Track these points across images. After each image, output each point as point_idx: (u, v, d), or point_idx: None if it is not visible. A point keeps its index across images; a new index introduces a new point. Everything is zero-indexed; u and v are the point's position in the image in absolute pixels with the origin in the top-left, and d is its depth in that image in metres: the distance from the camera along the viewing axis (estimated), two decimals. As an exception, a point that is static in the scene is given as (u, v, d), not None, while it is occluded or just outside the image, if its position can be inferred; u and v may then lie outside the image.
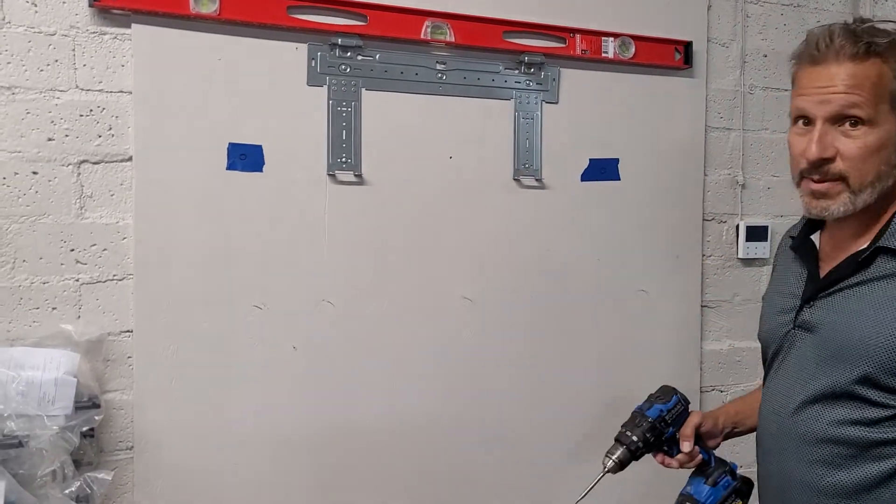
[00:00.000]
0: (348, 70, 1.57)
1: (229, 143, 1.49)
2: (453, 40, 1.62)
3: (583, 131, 1.77)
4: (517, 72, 1.69)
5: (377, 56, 1.58)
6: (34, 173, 1.39)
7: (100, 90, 1.42)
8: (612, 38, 1.75)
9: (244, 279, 1.52)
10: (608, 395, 1.80)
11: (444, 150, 1.65)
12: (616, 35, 1.76)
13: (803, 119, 1.11)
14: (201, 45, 1.46)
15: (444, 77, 1.64)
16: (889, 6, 2.03)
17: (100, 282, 1.44)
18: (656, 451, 1.27)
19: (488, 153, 1.69)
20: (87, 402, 1.36)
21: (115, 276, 1.44)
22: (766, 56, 1.98)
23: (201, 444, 1.50)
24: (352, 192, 1.59)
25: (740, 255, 1.97)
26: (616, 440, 1.25)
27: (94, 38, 1.41)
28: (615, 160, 1.81)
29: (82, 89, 1.41)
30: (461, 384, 1.69)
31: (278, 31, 1.51)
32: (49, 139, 1.39)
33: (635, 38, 1.77)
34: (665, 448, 1.27)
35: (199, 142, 1.47)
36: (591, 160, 1.78)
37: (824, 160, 1.07)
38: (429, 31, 1.60)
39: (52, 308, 1.41)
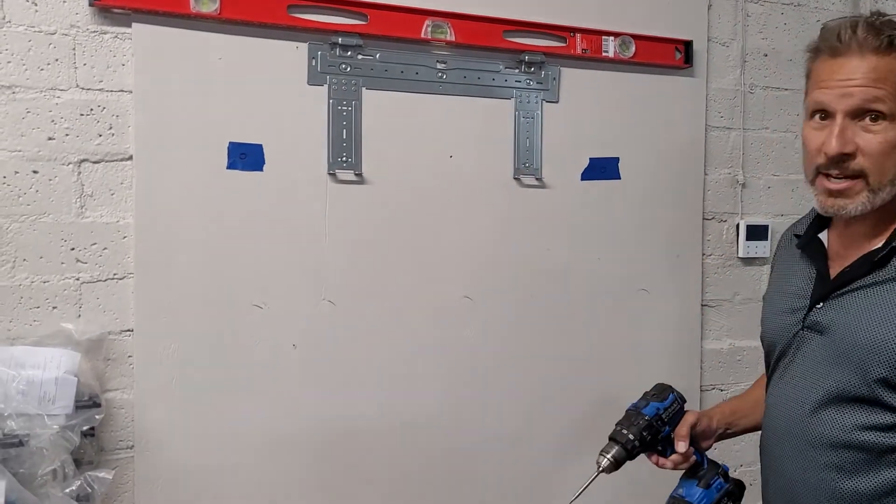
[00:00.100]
0: (349, 69, 1.57)
1: (230, 143, 1.49)
2: (454, 39, 1.62)
3: (583, 130, 1.77)
4: (517, 71, 1.69)
5: (377, 55, 1.58)
6: (34, 172, 1.39)
7: (100, 89, 1.42)
8: (612, 38, 1.75)
9: (244, 278, 1.52)
10: (608, 393, 1.80)
11: (445, 149, 1.66)
12: (616, 34, 1.76)
13: (821, 113, 1.07)
14: (202, 44, 1.46)
15: (445, 76, 1.64)
16: (889, 5, 2.03)
17: (100, 281, 1.44)
18: (651, 451, 1.24)
19: (488, 152, 1.69)
20: (87, 402, 1.36)
21: (115, 275, 1.45)
22: (766, 55, 1.98)
23: (202, 443, 1.50)
24: (352, 191, 1.59)
25: (740, 254, 1.97)
26: (611, 438, 1.21)
27: (95, 38, 1.41)
28: (615, 159, 1.81)
29: (83, 88, 1.41)
30: (461, 383, 1.69)
31: (279, 31, 1.51)
32: (49, 138, 1.39)
33: (636, 37, 1.77)
34: (659, 448, 1.24)
35: (199, 141, 1.47)
36: (591, 159, 1.78)
37: (844, 156, 1.03)
38: (429, 30, 1.60)
39: (53, 307, 1.41)
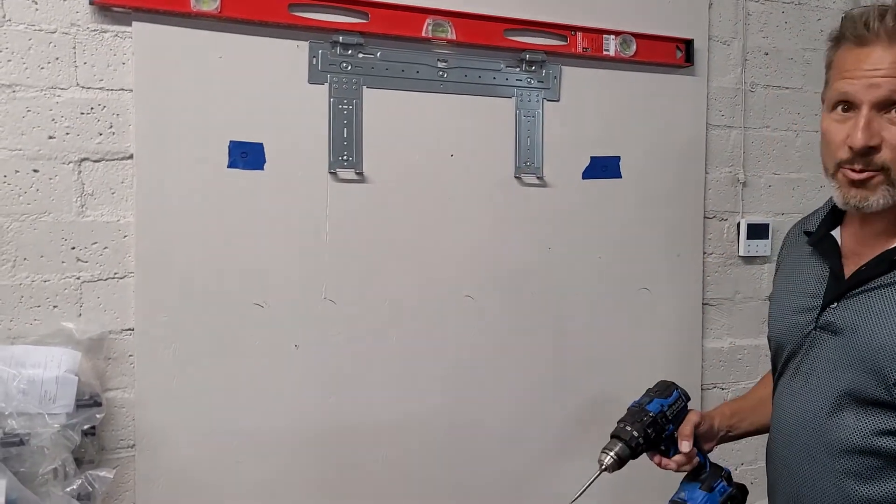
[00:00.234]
0: (349, 68, 1.56)
1: (230, 141, 1.49)
2: (454, 38, 1.62)
3: (584, 129, 1.77)
4: (518, 70, 1.69)
5: (378, 54, 1.58)
6: (35, 171, 1.38)
7: (101, 88, 1.42)
8: (613, 36, 1.75)
9: (245, 277, 1.51)
10: (609, 392, 1.80)
11: (446, 148, 1.65)
12: (617, 33, 1.75)
13: (844, 104, 1.03)
14: (202, 42, 1.46)
15: (446, 75, 1.64)
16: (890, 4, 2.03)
17: (101, 280, 1.44)
18: (654, 450, 1.19)
19: (489, 151, 1.69)
20: (88, 401, 1.36)
21: (116, 274, 1.44)
22: (767, 54, 1.98)
23: (203, 443, 1.50)
24: (353, 189, 1.59)
25: (741, 252, 1.97)
26: (613, 436, 1.16)
27: (95, 36, 1.41)
28: (616, 158, 1.81)
29: (83, 87, 1.40)
30: (462, 382, 1.69)
31: (279, 29, 1.51)
32: (50, 137, 1.39)
33: (637, 35, 1.77)
34: (662, 447, 1.19)
35: (200, 140, 1.47)
36: (592, 158, 1.78)
37: (870, 149, 1.00)
38: (430, 28, 1.60)
39: (54, 306, 1.41)
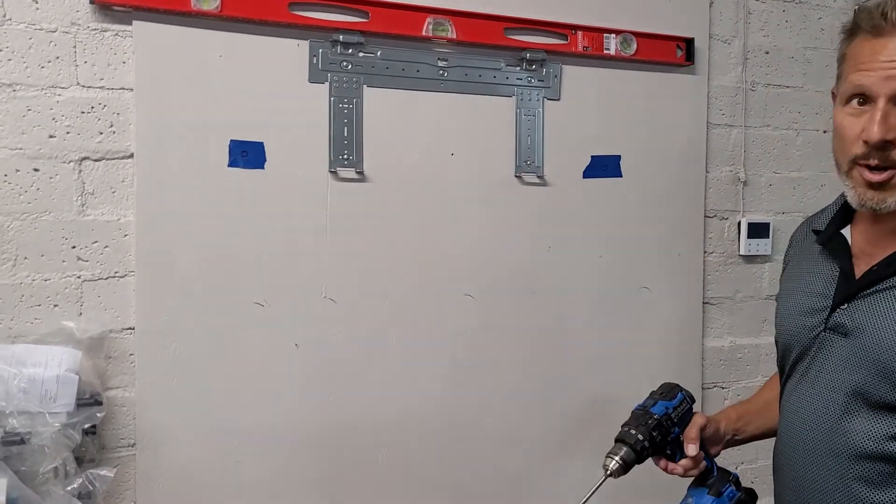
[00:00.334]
0: (350, 67, 1.56)
1: (231, 140, 1.49)
2: (455, 37, 1.62)
3: (585, 128, 1.77)
4: (519, 68, 1.69)
5: (379, 53, 1.58)
6: (35, 170, 1.38)
7: (101, 87, 1.42)
8: (613, 35, 1.75)
9: (246, 276, 1.51)
10: (610, 391, 1.80)
11: (446, 147, 1.65)
12: (618, 32, 1.75)
13: (859, 98, 0.99)
14: (203, 41, 1.46)
15: (446, 74, 1.64)
16: (891, 3, 2.03)
17: (101, 279, 1.44)
18: (659, 454, 1.16)
19: (490, 150, 1.69)
20: (88, 400, 1.36)
21: (116, 273, 1.44)
22: (767, 53, 1.98)
23: (203, 442, 1.50)
24: (353, 188, 1.58)
25: (742, 251, 1.97)
26: (618, 440, 1.12)
27: (96, 35, 1.41)
28: (617, 157, 1.81)
29: (83, 86, 1.40)
30: (463, 381, 1.69)
31: (280, 28, 1.51)
32: (50, 136, 1.39)
33: (637, 34, 1.77)
34: (668, 451, 1.16)
35: (200, 139, 1.47)
36: (592, 157, 1.78)
37: (886, 143, 0.97)
38: (430, 27, 1.60)
39: (54, 305, 1.41)
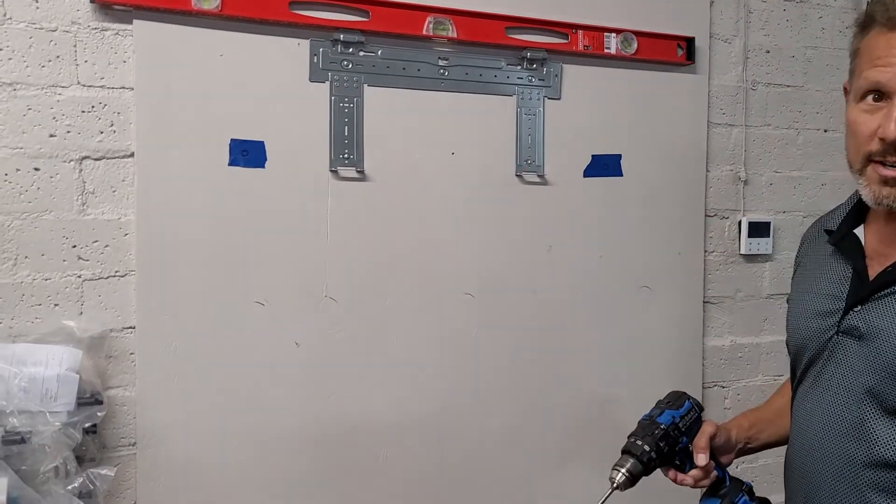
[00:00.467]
0: (350, 66, 1.56)
1: (231, 139, 1.49)
2: (455, 36, 1.62)
3: (585, 127, 1.77)
4: (519, 68, 1.69)
5: (379, 52, 1.58)
6: (36, 170, 1.38)
7: (101, 86, 1.41)
8: (614, 34, 1.75)
9: (246, 275, 1.51)
10: (610, 390, 1.80)
11: (447, 146, 1.65)
12: (618, 31, 1.75)
13: (875, 94, 0.96)
14: (203, 41, 1.46)
15: (447, 73, 1.64)
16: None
17: (102, 278, 1.44)
18: (668, 465, 1.13)
19: (490, 149, 1.69)
20: (89, 399, 1.36)
21: (117, 272, 1.44)
22: (768, 52, 1.98)
23: (204, 441, 1.50)
24: (354, 188, 1.58)
25: (742, 251, 1.97)
26: (624, 451, 1.09)
27: (96, 35, 1.41)
28: (618, 156, 1.80)
29: (84, 85, 1.40)
30: (464, 380, 1.69)
31: (280, 27, 1.51)
32: (51, 135, 1.39)
33: (638, 33, 1.77)
34: (676, 462, 1.13)
35: (201, 138, 1.47)
36: (593, 156, 1.78)
37: None
38: (431, 26, 1.60)
39: (55, 304, 1.41)
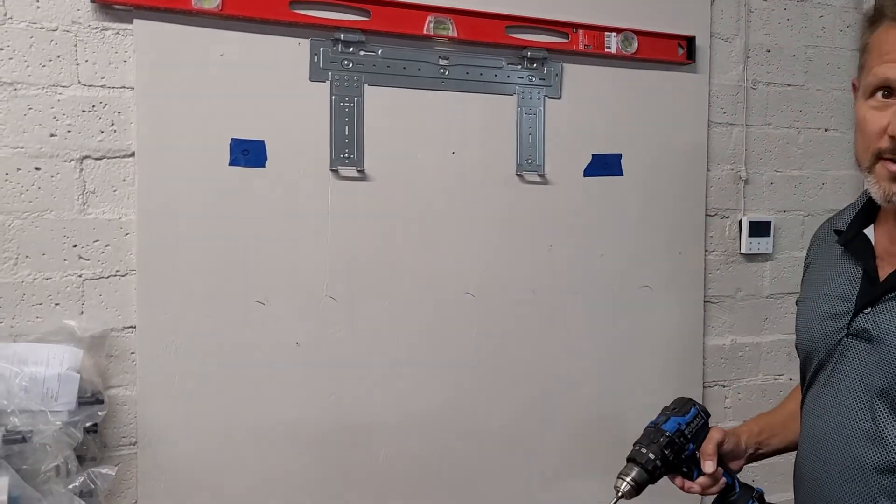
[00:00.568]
0: (351, 65, 1.56)
1: (232, 139, 1.49)
2: (456, 35, 1.62)
3: (586, 126, 1.77)
4: (520, 67, 1.69)
5: (380, 51, 1.58)
6: (37, 169, 1.38)
7: (102, 86, 1.42)
8: (614, 33, 1.75)
9: (247, 275, 1.51)
10: (611, 390, 1.80)
11: (447, 145, 1.65)
12: (619, 30, 1.75)
13: (885, 90, 0.95)
14: (203, 40, 1.46)
15: (447, 72, 1.64)
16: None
17: (102, 277, 1.44)
18: (674, 473, 1.11)
19: (491, 149, 1.69)
20: (90, 398, 1.36)
21: (117, 271, 1.44)
22: (769, 51, 1.97)
23: (205, 440, 1.50)
24: (354, 187, 1.58)
25: (743, 250, 1.97)
26: (629, 459, 1.08)
27: (96, 34, 1.41)
28: (618, 155, 1.80)
29: (84, 85, 1.40)
30: (464, 379, 1.69)
31: (281, 27, 1.51)
32: (51, 135, 1.39)
33: (638, 33, 1.77)
34: (683, 469, 1.11)
35: (201, 137, 1.47)
36: (593, 155, 1.78)
37: None
38: (431, 26, 1.60)
39: (55, 304, 1.41)
